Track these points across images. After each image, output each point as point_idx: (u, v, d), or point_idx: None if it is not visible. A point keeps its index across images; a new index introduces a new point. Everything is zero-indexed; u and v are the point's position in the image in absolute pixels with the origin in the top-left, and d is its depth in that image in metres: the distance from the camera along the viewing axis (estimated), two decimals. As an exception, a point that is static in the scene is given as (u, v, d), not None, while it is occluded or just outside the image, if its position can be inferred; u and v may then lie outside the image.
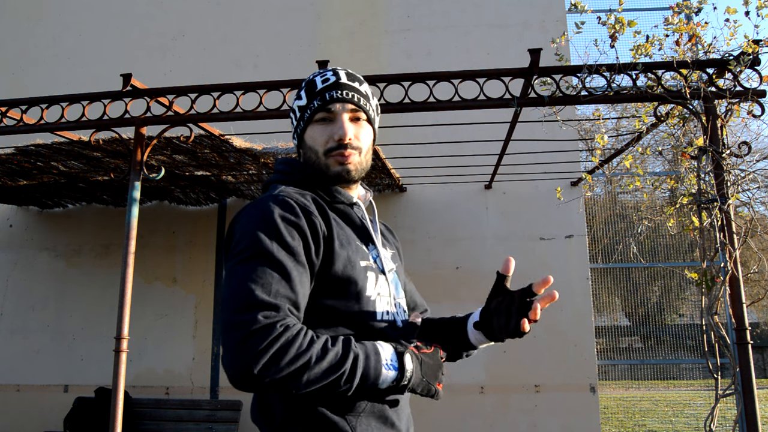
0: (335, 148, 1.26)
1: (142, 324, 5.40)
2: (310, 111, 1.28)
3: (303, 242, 1.12)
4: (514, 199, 5.42)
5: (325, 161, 1.27)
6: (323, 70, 1.32)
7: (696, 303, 7.43)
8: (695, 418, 7.36)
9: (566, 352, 5.09)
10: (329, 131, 1.27)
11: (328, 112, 1.27)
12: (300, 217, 1.14)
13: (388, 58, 5.85)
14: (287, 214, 1.13)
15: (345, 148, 1.26)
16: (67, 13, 6.42)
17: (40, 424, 5.35)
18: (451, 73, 3.14)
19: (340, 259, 1.17)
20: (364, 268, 1.22)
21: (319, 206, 1.22)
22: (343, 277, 1.17)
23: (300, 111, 1.31)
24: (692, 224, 2.98)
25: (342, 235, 1.22)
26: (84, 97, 3.42)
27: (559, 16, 5.77)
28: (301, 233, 1.13)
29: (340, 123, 1.26)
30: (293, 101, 1.35)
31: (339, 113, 1.27)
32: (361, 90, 1.31)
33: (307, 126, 1.30)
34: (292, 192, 1.20)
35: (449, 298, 5.27)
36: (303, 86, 1.32)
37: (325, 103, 1.26)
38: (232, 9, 6.19)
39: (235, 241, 1.13)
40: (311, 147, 1.29)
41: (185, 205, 5.79)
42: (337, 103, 1.27)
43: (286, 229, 1.11)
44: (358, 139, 1.29)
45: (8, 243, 5.93)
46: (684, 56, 2.96)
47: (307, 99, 1.29)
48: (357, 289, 1.19)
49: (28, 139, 3.90)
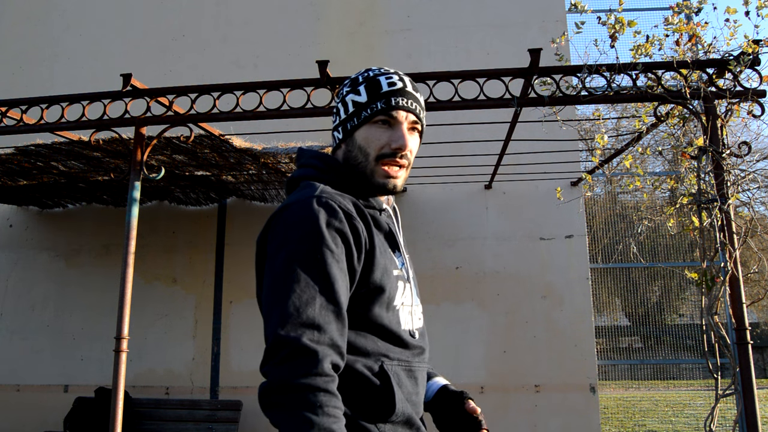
0: (389, 155, 1.23)
1: (142, 324, 5.40)
2: (371, 111, 1.23)
3: (346, 249, 1.11)
4: (514, 199, 5.42)
5: (373, 167, 1.23)
6: (387, 72, 1.28)
7: (696, 303, 7.43)
8: (695, 418, 7.36)
9: (566, 352, 5.09)
10: (387, 136, 1.23)
11: (391, 117, 1.23)
12: (344, 222, 1.12)
13: (388, 58, 5.84)
14: (332, 219, 1.10)
15: (400, 158, 1.24)
16: (67, 13, 6.42)
17: (40, 424, 5.35)
18: (451, 73, 3.14)
19: (379, 268, 1.16)
20: (396, 277, 1.22)
21: (360, 211, 1.19)
22: (379, 285, 1.16)
23: (355, 107, 1.25)
24: (692, 224, 2.98)
25: (379, 242, 1.20)
26: (84, 97, 3.42)
27: (559, 16, 5.77)
28: (345, 240, 1.11)
29: (401, 132, 1.23)
30: (345, 93, 1.28)
31: (401, 121, 1.24)
32: (421, 101, 1.30)
33: (362, 124, 1.24)
34: (334, 194, 1.16)
35: (449, 298, 5.27)
36: (362, 81, 1.26)
37: (390, 107, 1.22)
38: (232, 9, 6.19)
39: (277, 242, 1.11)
40: (362, 147, 1.24)
41: (185, 205, 5.79)
42: (401, 110, 1.24)
43: (330, 235, 1.09)
44: (412, 152, 1.27)
45: (8, 243, 5.93)
46: (684, 56, 2.96)
47: (368, 97, 1.24)
48: (388, 297, 1.18)
49: (28, 139, 3.90)
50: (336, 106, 1.31)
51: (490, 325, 5.21)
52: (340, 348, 1.06)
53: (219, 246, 5.65)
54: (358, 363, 1.13)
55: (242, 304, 5.47)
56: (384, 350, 1.17)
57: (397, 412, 1.14)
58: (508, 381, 5.11)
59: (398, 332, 1.20)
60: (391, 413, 1.13)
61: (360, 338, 1.15)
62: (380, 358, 1.16)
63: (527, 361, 5.12)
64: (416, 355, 1.24)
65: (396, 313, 1.21)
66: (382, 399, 1.13)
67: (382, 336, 1.18)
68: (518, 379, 5.10)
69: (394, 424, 1.15)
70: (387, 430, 1.14)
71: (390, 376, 1.15)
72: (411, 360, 1.22)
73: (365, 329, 1.16)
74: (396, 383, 1.15)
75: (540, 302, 5.21)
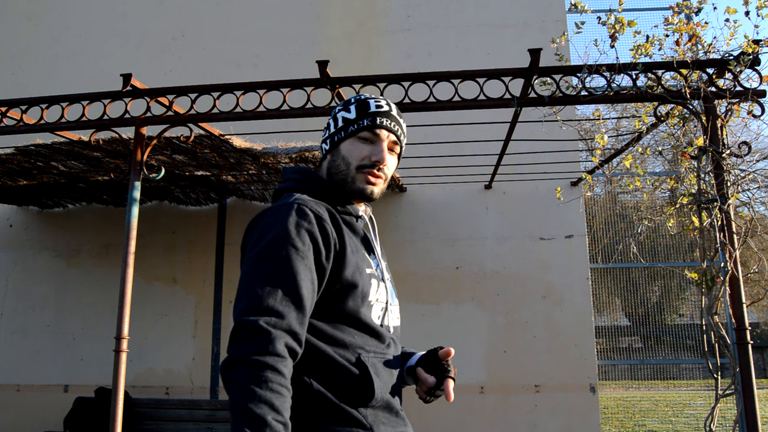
0: (368, 167, 1.38)
1: (142, 324, 5.40)
2: (357, 126, 1.39)
3: (314, 247, 1.23)
4: (514, 199, 5.42)
5: (354, 174, 1.38)
6: (377, 97, 1.44)
7: (696, 303, 7.43)
8: (695, 418, 7.36)
9: (566, 352, 5.09)
10: (368, 150, 1.39)
11: (373, 134, 1.39)
12: (313, 224, 1.24)
13: (388, 58, 5.85)
14: (302, 220, 1.23)
15: (378, 170, 1.39)
16: (67, 13, 6.42)
17: (40, 424, 5.35)
18: (451, 73, 3.14)
19: (350, 265, 1.28)
20: (369, 274, 1.34)
21: (332, 215, 1.32)
22: (351, 281, 1.28)
23: (344, 122, 1.41)
24: (692, 224, 2.98)
25: (351, 243, 1.33)
26: (84, 97, 3.42)
27: (559, 16, 5.77)
28: (313, 239, 1.23)
29: (381, 147, 1.39)
30: (337, 111, 1.44)
31: (383, 139, 1.40)
32: (403, 127, 1.46)
33: (348, 137, 1.40)
34: (307, 199, 1.30)
35: (449, 298, 5.27)
36: (353, 102, 1.42)
37: (374, 125, 1.38)
38: (232, 9, 6.19)
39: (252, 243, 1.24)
40: (345, 157, 1.39)
41: (185, 205, 5.79)
42: (383, 129, 1.39)
43: (298, 235, 1.21)
44: (389, 168, 1.42)
45: (8, 243, 5.93)
46: (684, 56, 2.96)
47: (357, 115, 1.40)
48: (362, 293, 1.30)
49: (28, 139, 3.90)
50: (328, 122, 1.47)
51: (490, 325, 5.21)
52: (298, 335, 1.17)
53: (219, 246, 5.66)
54: (337, 354, 1.25)
55: (242, 304, 5.46)
56: (360, 343, 1.28)
57: (376, 398, 1.25)
58: (508, 381, 5.11)
59: (373, 326, 1.32)
60: (371, 398, 1.25)
61: (338, 331, 1.27)
62: (357, 350, 1.27)
63: (527, 361, 5.12)
64: (389, 347, 1.36)
65: (370, 308, 1.33)
66: (362, 386, 1.25)
67: (358, 329, 1.29)
68: (518, 379, 5.10)
69: (374, 408, 1.26)
70: (368, 414, 1.25)
71: (368, 366, 1.26)
72: (386, 352, 1.33)
73: (342, 322, 1.28)
74: (374, 372, 1.26)
75: (540, 302, 5.21)
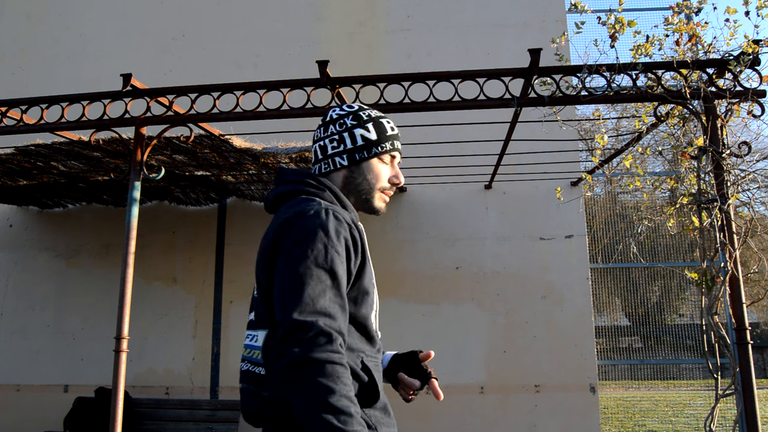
0: (388, 188, 1.51)
1: (142, 324, 5.40)
2: (381, 149, 1.48)
3: (347, 254, 1.30)
4: (514, 199, 5.42)
5: (375, 194, 1.49)
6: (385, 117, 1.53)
7: (696, 303, 7.43)
8: (695, 418, 7.36)
9: (566, 352, 5.09)
10: (390, 172, 1.51)
11: (393, 157, 1.52)
12: (348, 231, 1.32)
13: (388, 58, 5.85)
14: (340, 227, 1.30)
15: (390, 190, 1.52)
16: (67, 13, 6.42)
17: (40, 424, 5.35)
18: (451, 73, 3.14)
19: (368, 274, 1.37)
20: (374, 284, 1.43)
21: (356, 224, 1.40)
22: (366, 289, 1.36)
23: (365, 141, 1.47)
24: (692, 224, 2.98)
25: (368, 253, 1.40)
26: (84, 97, 3.42)
27: (559, 16, 5.77)
28: (347, 246, 1.30)
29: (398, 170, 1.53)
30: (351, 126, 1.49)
31: (399, 161, 1.55)
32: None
33: (371, 158, 1.48)
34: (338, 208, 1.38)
35: (449, 298, 5.27)
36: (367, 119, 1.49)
37: (395, 149, 1.51)
38: (232, 9, 6.19)
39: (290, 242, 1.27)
40: (369, 179, 1.48)
41: (185, 205, 5.79)
42: (399, 153, 1.54)
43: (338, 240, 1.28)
44: None
45: (8, 243, 5.93)
46: (684, 56, 2.96)
47: (378, 136, 1.48)
48: (372, 301, 1.39)
49: (28, 139, 3.90)
50: (337, 133, 1.49)
51: (490, 325, 5.21)
52: (345, 336, 1.24)
53: (219, 246, 5.65)
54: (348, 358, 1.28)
55: (242, 304, 5.46)
56: (361, 347, 1.35)
57: (381, 400, 1.34)
58: (508, 381, 5.10)
59: (373, 333, 1.39)
60: (376, 401, 1.33)
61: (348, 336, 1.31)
62: (360, 354, 1.33)
63: (527, 361, 5.12)
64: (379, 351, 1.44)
65: (374, 314, 1.41)
66: (369, 389, 1.31)
67: (362, 334, 1.36)
68: (518, 379, 5.10)
69: (376, 409, 1.33)
70: (372, 415, 1.31)
71: (371, 369, 1.33)
72: (377, 356, 1.41)
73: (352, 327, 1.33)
74: (377, 376, 1.34)
75: (540, 302, 5.21)
